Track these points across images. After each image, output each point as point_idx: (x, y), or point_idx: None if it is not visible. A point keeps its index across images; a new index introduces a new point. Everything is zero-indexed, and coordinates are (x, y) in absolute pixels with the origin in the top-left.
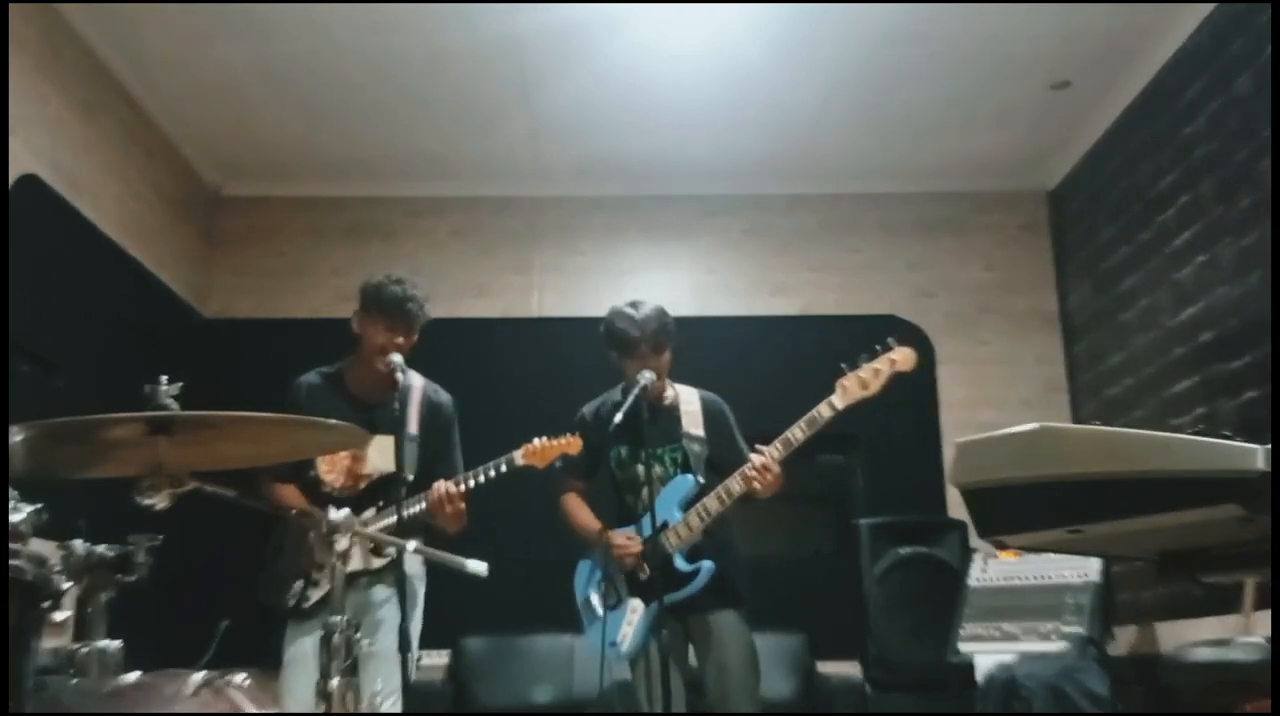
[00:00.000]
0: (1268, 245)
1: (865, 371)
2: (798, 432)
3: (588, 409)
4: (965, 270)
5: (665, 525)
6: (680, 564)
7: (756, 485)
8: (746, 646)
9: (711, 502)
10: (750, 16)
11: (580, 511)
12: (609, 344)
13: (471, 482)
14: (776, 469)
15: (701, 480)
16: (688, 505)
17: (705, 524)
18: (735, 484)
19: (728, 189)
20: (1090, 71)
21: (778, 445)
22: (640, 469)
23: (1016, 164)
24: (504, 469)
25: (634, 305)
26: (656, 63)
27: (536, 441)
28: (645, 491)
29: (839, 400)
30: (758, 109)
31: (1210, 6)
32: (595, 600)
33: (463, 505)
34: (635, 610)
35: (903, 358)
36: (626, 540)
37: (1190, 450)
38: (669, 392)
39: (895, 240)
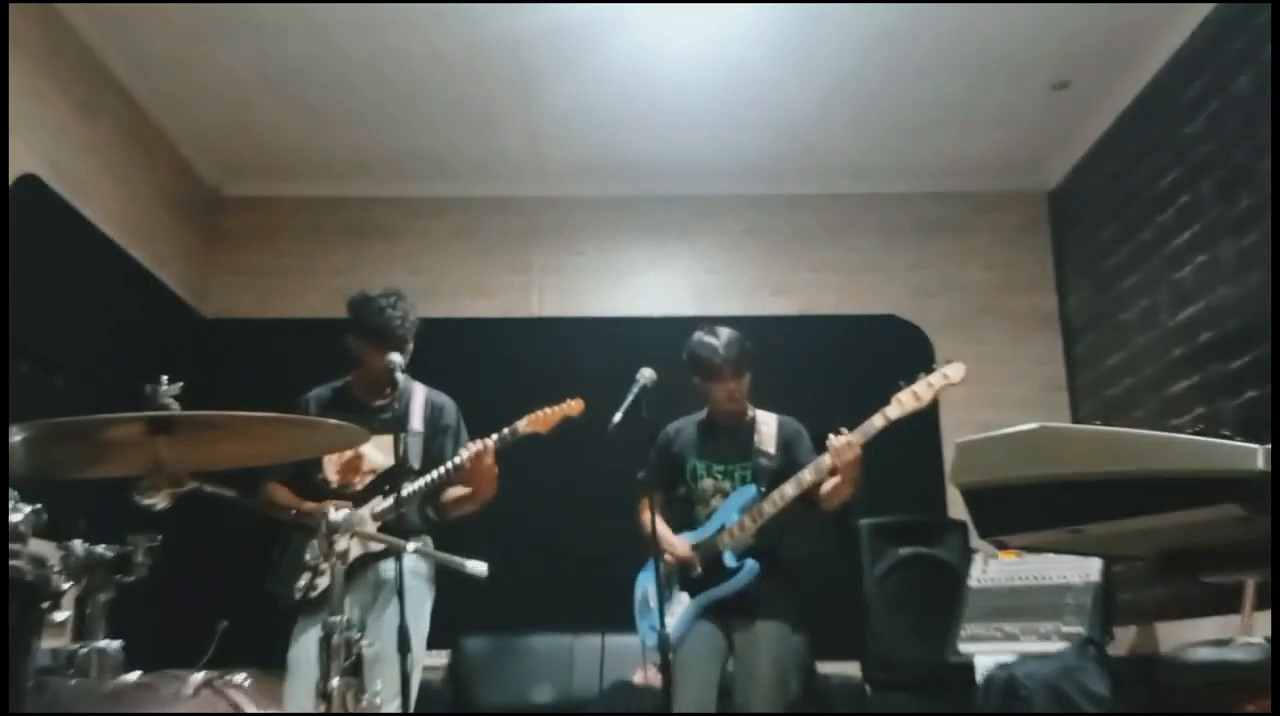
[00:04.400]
0: (1268, 245)
1: (919, 386)
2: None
3: (671, 427)
4: (965, 270)
5: (722, 527)
6: (729, 560)
7: (831, 461)
8: (779, 659)
9: (765, 505)
10: (750, 16)
11: (647, 515)
12: (692, 369)
13: (494, 442)
14: (858, 450)
15: (764, 491)
16: (746, 510)
17: (758, 525)
18: (789, 487)
19: (728, 189)
20: (1090, 71)
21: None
22: (710, 483)
23: (1016, 164)
24: (508, 437)
25: (713, 332)
26: (656, 63)
27: (539, 412)
28: (712, 502)
29: (893, 411)
30: (758, 109)
31: (1210, 6)
32: (651, 595)
33: (494, 465)
34: (681, 602)
35: (955, 372)
36: (678, 540)
37: (1190, 450)
38: (749, 414)
39: (895, 240)
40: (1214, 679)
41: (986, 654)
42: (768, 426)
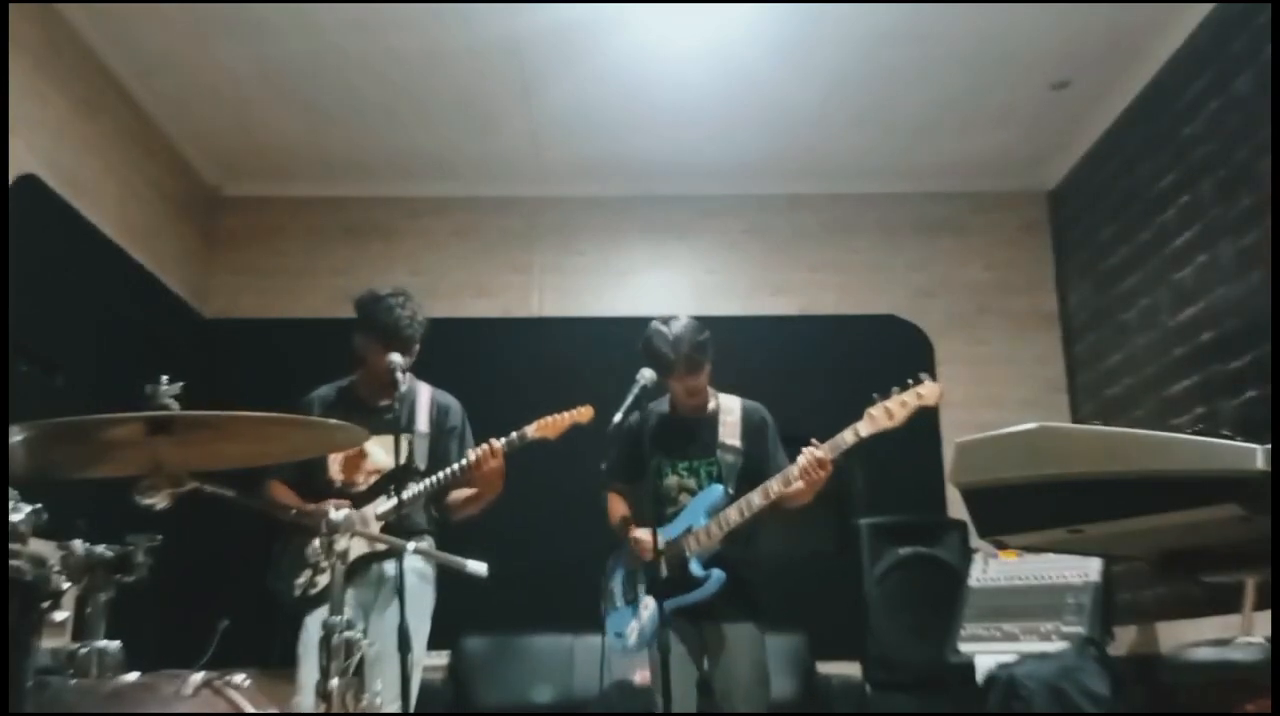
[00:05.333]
0: (1268, 245)
1: (893, 402)
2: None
3: (633, 416)
4: (965, 270)
5: (689, 529)
6: (695, 569)
7: (800, 484)
8: (758, 661)
9: (732, 513)
10: (750, 16)
11: (616, 508)
12: (648, 362)
13: (502, 444)
14: (829, 468)
15: (731, 491)
16: (714, 513)
17: (724, 533)
18: (757, 497)
19: (728, 189)
20: (1090, 71)
21: (805, 461)
22: (674, 480)
23: (1016, 164)
24: (516, 442)
25: (668, 322)
26: (656, 63)
27: (549, 417)
28: (679, 500)
29: (864, 427)
30: (758, 109)
31: (1210, 6)
32: (617, 593)
33: (502, 467)
34: (647, 606)
35: (930, 393)
36: (646, 536)
37: (1190, 450)
38: (711, 404)
39: (895, 240)
40: (1214, 679)
41: (986, 653)
42: (731, 415)
